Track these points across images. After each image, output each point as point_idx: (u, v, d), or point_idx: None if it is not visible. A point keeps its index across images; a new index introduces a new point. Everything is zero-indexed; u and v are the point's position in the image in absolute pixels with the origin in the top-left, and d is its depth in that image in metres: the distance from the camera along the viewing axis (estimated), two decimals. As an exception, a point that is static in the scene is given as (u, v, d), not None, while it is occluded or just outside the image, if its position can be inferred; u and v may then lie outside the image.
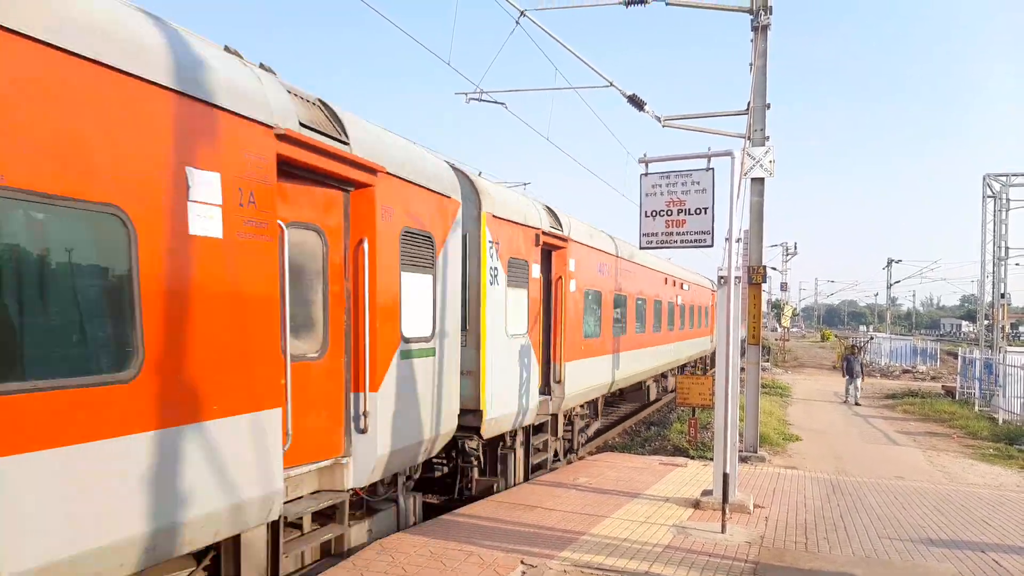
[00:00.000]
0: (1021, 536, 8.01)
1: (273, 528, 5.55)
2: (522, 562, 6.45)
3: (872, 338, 43.55)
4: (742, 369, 11.63)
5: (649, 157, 8.53)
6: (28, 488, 3.58)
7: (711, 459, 10.18)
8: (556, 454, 12.26)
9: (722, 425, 8.17)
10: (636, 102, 12.55)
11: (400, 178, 6.83)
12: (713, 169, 8.18)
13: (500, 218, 9.30)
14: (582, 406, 13.42)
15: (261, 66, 5.69)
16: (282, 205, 5.53)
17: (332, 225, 6.27)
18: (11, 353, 3.57)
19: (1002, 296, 28.01)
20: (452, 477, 9.92)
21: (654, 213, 8.54)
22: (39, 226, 3.73)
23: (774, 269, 47.48)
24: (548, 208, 11.56)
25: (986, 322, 29.24)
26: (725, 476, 7.85)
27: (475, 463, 9.80)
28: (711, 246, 8.21)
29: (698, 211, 8.27)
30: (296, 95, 5.84)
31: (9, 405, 3.48)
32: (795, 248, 50.28)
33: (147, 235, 4.19)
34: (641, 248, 8.96)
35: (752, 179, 12.05)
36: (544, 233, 10.73)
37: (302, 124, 5.59)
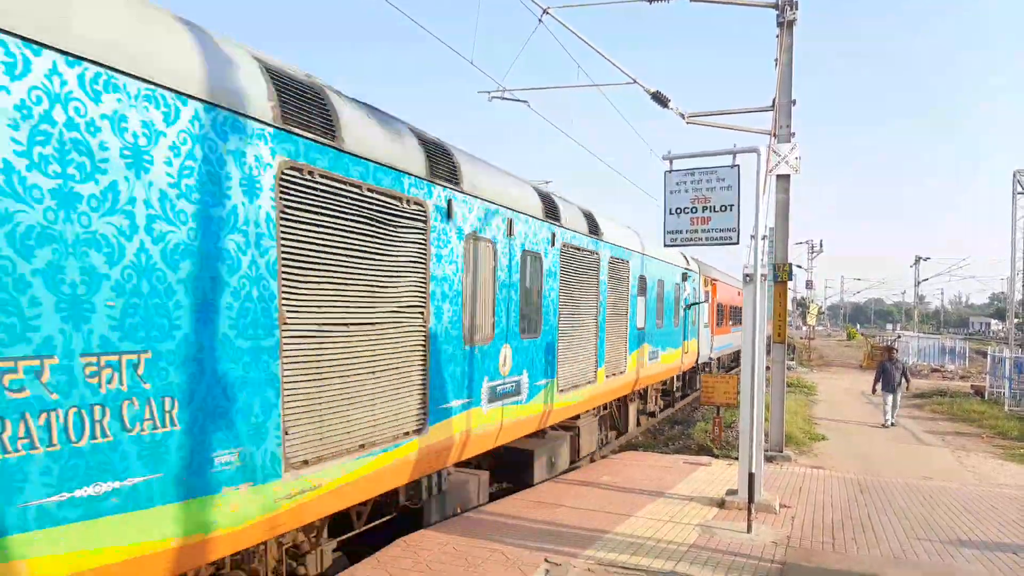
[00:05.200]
0: (1055, 539, 7.85)
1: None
2: (546, 560, 6.46)
3: (899, 336, 42.85)
4: (767, 368, 11.53)
5: (673, 154, 8.48)
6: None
7: (736, 458, 10.11)
8: None
9: (747, 424, 8.12)
10: (660, 99, 12.45)
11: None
12: (739, 166, 8.10)
13: None
14: None
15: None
16: None
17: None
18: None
19: (1033, 294, 27.45)
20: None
21: (678, 210, 8.46)
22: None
23: (799, 267, 46.98)
24: None
25: (1016, 320, 28.70)
26: (751, 475, 7.79)
27: None
28: (737, 243, 8.14)
29: (723, 208, 8.19)
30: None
31: None
32: (820, 245, 49.70)
33: None
34: (665, 246, 8.81)
35: (778, 176, 11.94)
36: None
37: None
